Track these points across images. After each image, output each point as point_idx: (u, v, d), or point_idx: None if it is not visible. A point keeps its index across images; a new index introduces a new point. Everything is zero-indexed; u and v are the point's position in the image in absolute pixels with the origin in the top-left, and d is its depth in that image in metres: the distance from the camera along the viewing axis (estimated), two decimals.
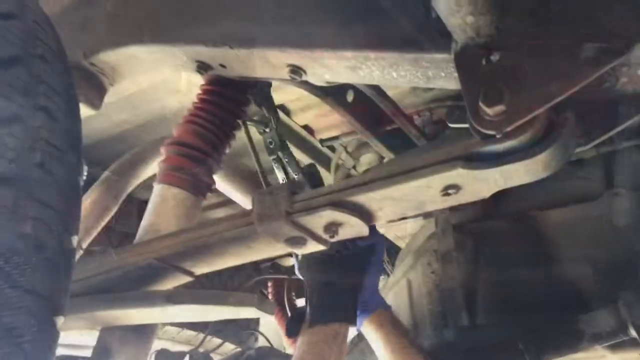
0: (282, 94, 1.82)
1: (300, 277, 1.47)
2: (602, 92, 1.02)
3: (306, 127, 2.00)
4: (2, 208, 0.74)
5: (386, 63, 1.09)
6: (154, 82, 1.82)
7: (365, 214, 1.06)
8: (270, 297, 2.81)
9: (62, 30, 1.39)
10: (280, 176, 1.61)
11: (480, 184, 0.99)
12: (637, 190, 1.63)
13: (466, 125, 0.99)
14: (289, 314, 2.71)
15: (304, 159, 2.04)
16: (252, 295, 1.10)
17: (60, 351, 1.41)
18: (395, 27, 1.07)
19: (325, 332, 1.34)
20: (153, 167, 1.73)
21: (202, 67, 1.32)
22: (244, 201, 1.81)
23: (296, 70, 1.21)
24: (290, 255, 1.59)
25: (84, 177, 0.89)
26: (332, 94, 1.60)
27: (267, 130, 1.59)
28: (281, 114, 1.91)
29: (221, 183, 1.55)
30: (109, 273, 1.19)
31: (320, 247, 1.13)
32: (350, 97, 1.66)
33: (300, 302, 2.84)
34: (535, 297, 1.61)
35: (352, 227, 1.08)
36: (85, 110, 1.44)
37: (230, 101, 1.49)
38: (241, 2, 1.24)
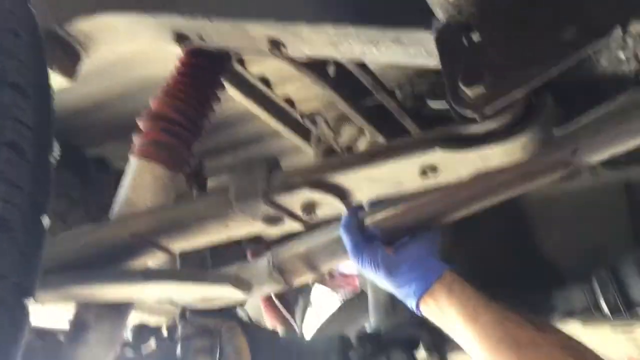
0: (263, 65, 1.79)
1: None
2: (582, 75, 1.02)
3: (287, 100, 1.97)
4: None
5: (367, 39, 1.08)
6: (133, 52, 1.77)
7: (343, 194, 1.06)
8: None
9: None
10: None
11: (458, 165, 0.99)
12: (614, 167, 1.64)
13: (446, 107, 0.98)
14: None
15: (284, 132, 2.03)
16: (228, 274, 1.09)
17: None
18: (376, 2, 1.06)
19: None
20: None
21: (180, 38, 1.29)
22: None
23: (276, 43, 1.19)
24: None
25: (56, 157, 0.86)
26: (313, 67, 1.57)
27: None
28: (261, 86, 1.88)
29: None
30: (84, 249, 1.18)
31: (297, 226, 1.13)
32: (331, 70, 1.63)
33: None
34: (511, 273, 1.62)
35: (330, 207, 1.08)
36: (60, 81, 1.41)
37: (209, 73, 1.45)
38: None
